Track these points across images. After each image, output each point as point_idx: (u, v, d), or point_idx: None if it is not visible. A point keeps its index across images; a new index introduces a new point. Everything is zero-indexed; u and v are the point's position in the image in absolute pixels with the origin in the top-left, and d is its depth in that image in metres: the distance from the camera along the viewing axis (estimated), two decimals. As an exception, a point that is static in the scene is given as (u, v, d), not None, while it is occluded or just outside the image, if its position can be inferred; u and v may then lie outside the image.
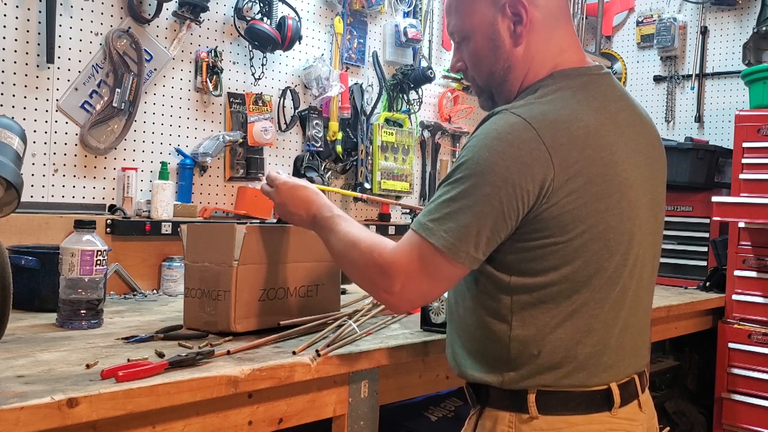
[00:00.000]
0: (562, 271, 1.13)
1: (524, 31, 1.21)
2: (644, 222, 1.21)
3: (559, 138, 1.11)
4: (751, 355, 2.69)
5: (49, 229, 1.96)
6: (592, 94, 1.20)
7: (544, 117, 1.12)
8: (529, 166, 1.09)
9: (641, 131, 1.25)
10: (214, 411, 1.22)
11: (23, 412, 0.94)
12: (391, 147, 2.92)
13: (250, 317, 1.47)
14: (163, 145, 2.29)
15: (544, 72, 1.22)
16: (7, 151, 1.45)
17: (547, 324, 1.15)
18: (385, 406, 1.56)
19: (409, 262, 1.15)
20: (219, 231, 1.51)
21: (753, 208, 2.63)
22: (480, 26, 1.23)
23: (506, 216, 1.10)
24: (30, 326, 1.52)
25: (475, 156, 1.12)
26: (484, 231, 1.11)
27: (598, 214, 1.13)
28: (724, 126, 3.44)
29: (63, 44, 2.05)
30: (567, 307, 1.15)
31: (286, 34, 2.44)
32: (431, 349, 1.57)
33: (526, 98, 1.18)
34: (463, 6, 1.25)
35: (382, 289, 1.18)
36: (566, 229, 1.11)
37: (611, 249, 1.15)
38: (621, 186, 1.16)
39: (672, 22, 3.51)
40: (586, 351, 1.16)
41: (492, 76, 1.26)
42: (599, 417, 1.17)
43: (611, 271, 1.16)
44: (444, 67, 3.24)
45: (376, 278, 1.19)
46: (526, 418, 1.16)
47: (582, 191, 1.11)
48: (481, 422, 1.23)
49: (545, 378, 1.16)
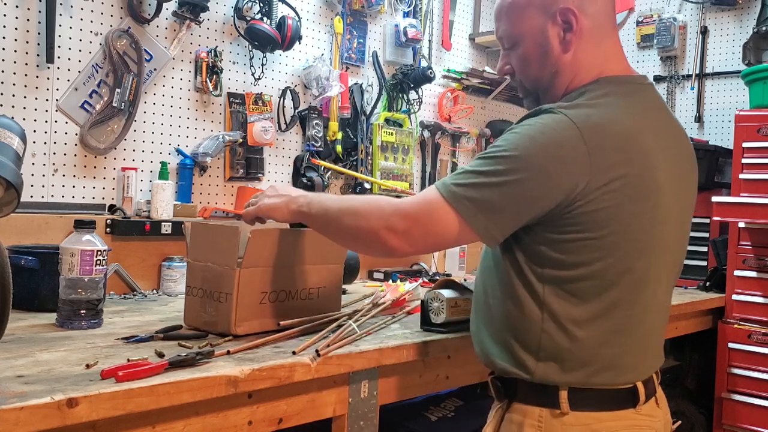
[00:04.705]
0: (593, 266, 1.16)
1: (573, 38, 1.25)
2: (674, 229, 1.25)
3: (600, 140, 1.14)
4: (751, 355, 2.68)
5: (49, 229, 1.96)
6: (635, 101, 1.24)
7: (589, 119, 1.16)
8: (566, 163, 1.12)
9: (677, 144, 1.29)
10: (214, 411, 1.22)
11: (23, 412, 0.94)
12: (391, 147, 2.92)
13: (250, 320, 1.47)
14: (163, 145, 2.29)
15: (590, 78, 1.26)
16: (7, 151, 1.45)
17: (578, 320, 1.18)
18: (385, 406, 1.56)
19: (421, 209, 1.17)
20: (223, 232, 1.50)
21: (753, 208, 2.63)
22: (530, 32, 1.27)
23: (531, 204, 1.13)
24: (30, 326, 1.51)
25: (516, 142, 1.16)
26: (505, 212, 1.14)
27: (631, 216, 1.16)
28: (724, 126, 3.44)
29: (63, 44, 2.05)
30: (597, 305, 1.18)
31: (286, 34, 2.44)
32: (431, 349, 1.57)
33: (574, 100, 1.22)
34: (514, 13, 1.29)
35: (385, 226, 1.18)
36: (599, 227, 1.14)
37: (642, 250, 1.19)
38: (656, 191, 1.19)
39: (672, 22, 3.51)
40: (613, 351, 1.19)
41: (539, 80, 1.30)
42: (625, 414, 1.21)
43: (641, 272, 1.19)
44: (444, 67, 3.24)
45: (382, 216, 1.19)
46: (557, 413, 1.19)
47: (618, 192, 1.14)
48: (508, 416, 1.24)
49: (576, 375, 1.18)
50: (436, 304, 1.62)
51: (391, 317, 1.74)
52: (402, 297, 1.87)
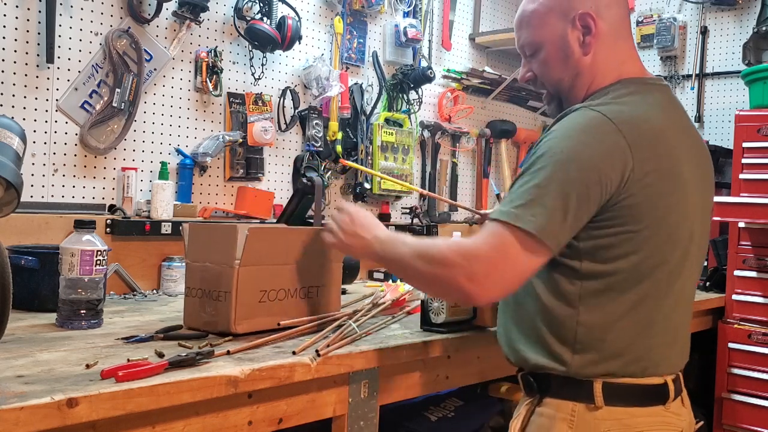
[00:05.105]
0: (631, 259, 1.19)
1: (593, 41, 1.29)
2: (698, 224, 1.28)
3: (635, 134, 1.18)
4: (751, 355, 2.68)
5: (49, 229, 1.96)
6: (656, 101, 1.28)
7: (621, 114, 1.20)
8: (611, 156, 1.15)
9: (696, 144, 1.33)
10: (214, 411, 1.22)
11: (23, 412, 0.94)
12: (391, 147, 2.92)
13: (250, 318, 1.47)
14: (163, 145, 2.29)
15: (609, 80, 1.30)
16: (7, 151, 1.45)
17: (613, 311, 1.20)
18: (385, 406, 1.56)
19: (493, 249, 1.15)
20: (221, 231, 1.51)
21: (753, 208, 2.63)
22: (551, 38, 1.32)
23: (591, 201, 1.15)
24: (30, 326, 1.51)
25: (557, 145, 1.18)
26: (569, 215, 1.15)
27: (665, 208, 1.20)
28: (724, 126, 3.44)
29: (63, 44, 2.05)
30: (632, 297, 1.20)
31: (286, 34, 2.44)
32: (431, 349, 1.57)
33: (601, 98, 1.25)
34: (535, 20, 1.34)
35: (463, 275, 1.15)
36: (639, 219, 1.17)
37: (674, 243, 1.22)
38: (683, 186, 1.23)
39: (672, 22, 3.51)
40: (645, 343, 1.22)
41: (561, 82, 1.34)
42: (655, 410, 1.23)
43: (673, 264, 1.23)
44: (444, 67, 3.24)
45: (457, 267, 1.15)
46: (591, 407, 1.20)
47: (654, 185, 1.18)
48: (538, 410, 1.25)
49: (611, 365, 1.20)
50: (436, 304, 1.62)
51: (391, 317, 1.74)
52: (402, 297, 1.87)
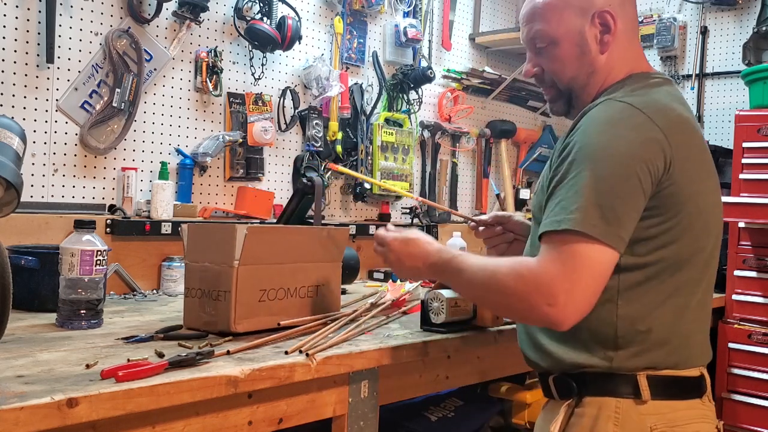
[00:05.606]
0: (670, 248, 1.18)
1: (611, 39, 1.29)
2: (719, 213, 1.28)
3: (666, 121, 1.17)
4: (751, 355, 2.68)
5: (49, 229, 1.96)
6: (670, 92, 1.28)
7: (647, 103, 1.19)
8: (651, 143, 1.14)
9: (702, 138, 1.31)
10: (214, 411, 1.22)
11: (23, 412, 0.94)
12: (391, 147, 2.92)
13: (250, 317, 1.47)
14: (163, 145, 2.29)
15: (621, 75, 1.30)
16: (7, 151, 1.45)
17: (652, 301, 1.19)
18: (385, 406, 1.56)
19: (564, 265, 1.09)
20: (220, 231, 1.51)
21: (753, 208, 2.63)
22: (567, 34, 1.30)
23: (644, 192, 1.14)
24: (30, 326, 1.51)
25: (592, 143, 1.15)
26: (628, 210, 1.12)
27: (700, 195, 1.20)
28: (724, 126, 3.44)
29: (63, 44, 2.05)
30: (670, 285, 1.19)
31: (286, 34, 2.44)
32: (431, 349, 1.57)
33: (619, 91, 1.25)
34: (550, 14, 1.31)
35: (544, 304, 1.08)
36: (678, 208, 1.16)
37: (710, 230, 1.22)
38: (712, 173, 1.24)
39: (672, 22, 3.51)
40: (685, 328, 1.21)
41: (575, 80, 1.32)
42: (694, 403, 1.22)
43: (708, 251, 1.23)
44: (444, 67, 3.24)
45: (533, 295, 1.10)
46: (637, 402, 1.18)
47: (689, 172, 1.17)
48: (578, 411, 1.21)
49: (654, 356, 1.18)
50: (436, 304, 1.62)
51: (391, 317, 1.74)
52: (402, 297, 1.87)
